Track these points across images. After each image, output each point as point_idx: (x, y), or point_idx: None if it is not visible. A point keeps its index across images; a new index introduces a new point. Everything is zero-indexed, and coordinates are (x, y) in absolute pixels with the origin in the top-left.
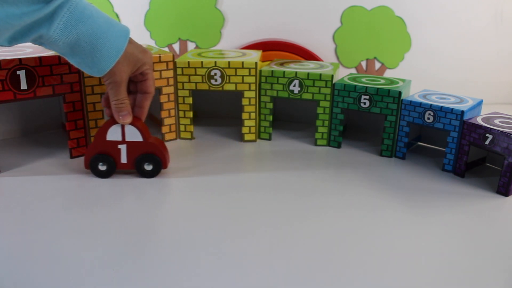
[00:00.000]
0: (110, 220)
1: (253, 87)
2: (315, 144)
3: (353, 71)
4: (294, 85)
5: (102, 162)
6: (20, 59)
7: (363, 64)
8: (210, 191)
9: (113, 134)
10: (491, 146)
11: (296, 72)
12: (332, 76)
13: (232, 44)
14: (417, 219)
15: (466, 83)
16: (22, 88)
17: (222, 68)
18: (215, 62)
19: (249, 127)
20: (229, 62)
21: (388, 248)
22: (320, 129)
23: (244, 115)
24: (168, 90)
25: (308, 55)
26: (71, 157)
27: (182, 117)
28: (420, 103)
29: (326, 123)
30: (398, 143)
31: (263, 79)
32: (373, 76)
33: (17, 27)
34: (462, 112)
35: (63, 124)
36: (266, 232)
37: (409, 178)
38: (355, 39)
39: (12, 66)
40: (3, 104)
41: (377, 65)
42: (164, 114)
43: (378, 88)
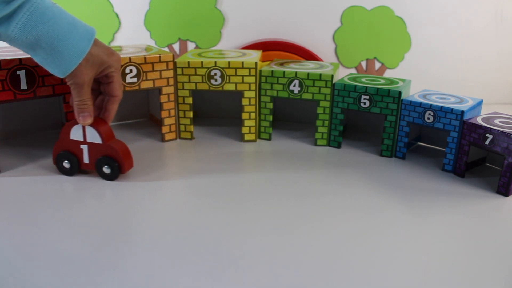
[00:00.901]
0: (111, 220)
1: (253, 87)
2: (315, 144)
3: (353, 71)
4: (294, 85)
5: (67, 160)
6: (20, 59)
7: (363, 64)
8: (210, 191)
9: (76, 134)
10: (491, 146)
11: (296, 72)
12: (332, 76)
13: (232, 44)
14: (417, 219)
15: (466, 83)
16: (22, 88)
17: (222, 68)
18: (215, 62)
19: (249, 127)
20: (229, 62)
21: (388, 248)
22: (320, 129)
23: (244, 115)
24: (168, 90)
25: (308, 55)
26: None
27: (182, 117)
28: (420, 103)
29: (326, 123)
30: (398, 143)
31: (263, 79)
32: (373, 76)
33: None
34: (462, 112)
35: (63, 124)
36: (266, 232)
37: (409, 178)
38: (355, 39)
39: (12, 66)
40: (3, 104)
41: (377, 65)
42: (164, 114)
43: (378, 88)
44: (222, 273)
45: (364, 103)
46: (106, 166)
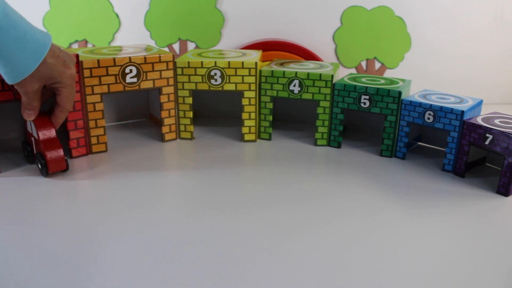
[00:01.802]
0: (110, 220)
1: (253, 87)
2: (315, 144)
3: (353, 71)
4: (294, 85)
5: (26, 149)
6: None
7: (363, 64)
8: (210, 191)
9: (29, 126)
10: (491, 146)
11: (296, 72)
12: (332, 76)
13: (232, 44)
14: (417, 219)
15: (466, 83)
16: None
17: (222, 68)
18: (215, 62)
19: (249, 127)
20: (229, 62)
21: (388, 248)
22: (320, 129)
23: (244, 115)
24: (168, 90)
25: (308, 55)
26: (71, 157)
27: (182, 117)
28: (420, 103)
29: (326, 123)
30: (398, 143)
31: (263, 79)
32: (373, 76)
33: None
34: (462, 112)
35: (64, 124)
36: (266, 232)
37: (409, 178)
38: (355, 39)
39: None
40: (3, 104)
41: (377, 65)
42: (164, 114)
43: (378, 88)
44: (222, 275)
45: (364, 103)
46: (39, 162)
